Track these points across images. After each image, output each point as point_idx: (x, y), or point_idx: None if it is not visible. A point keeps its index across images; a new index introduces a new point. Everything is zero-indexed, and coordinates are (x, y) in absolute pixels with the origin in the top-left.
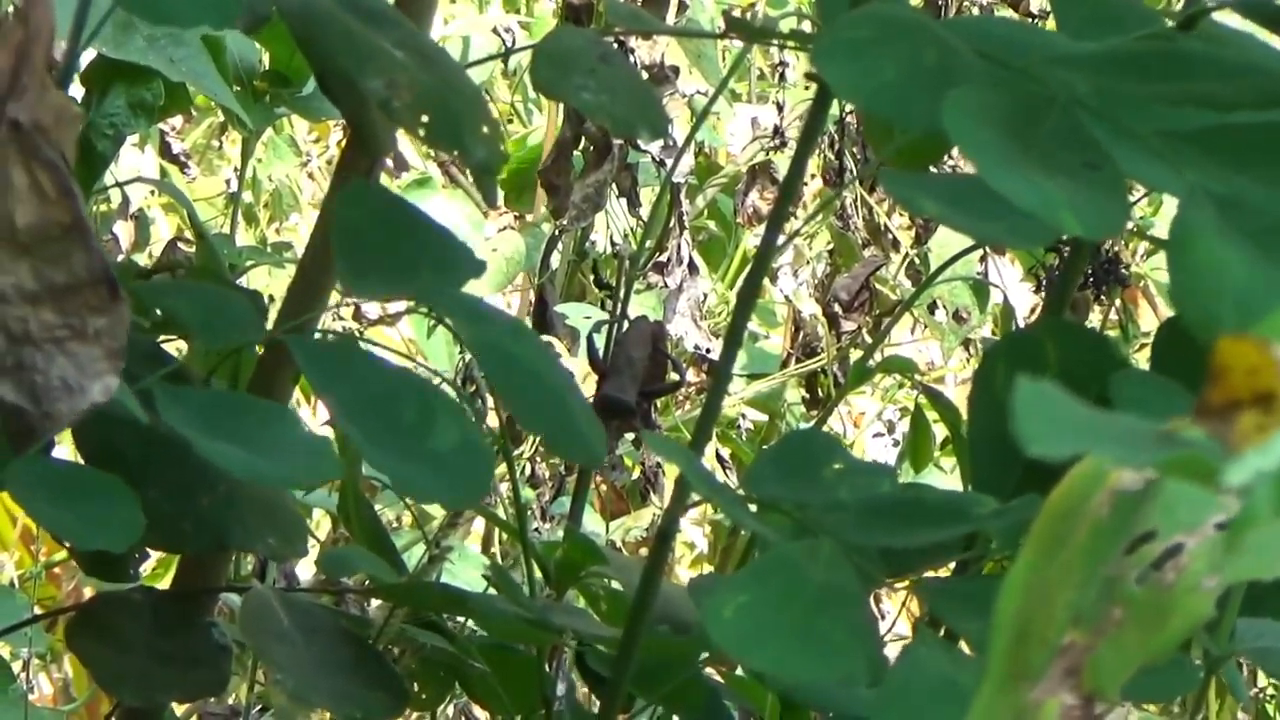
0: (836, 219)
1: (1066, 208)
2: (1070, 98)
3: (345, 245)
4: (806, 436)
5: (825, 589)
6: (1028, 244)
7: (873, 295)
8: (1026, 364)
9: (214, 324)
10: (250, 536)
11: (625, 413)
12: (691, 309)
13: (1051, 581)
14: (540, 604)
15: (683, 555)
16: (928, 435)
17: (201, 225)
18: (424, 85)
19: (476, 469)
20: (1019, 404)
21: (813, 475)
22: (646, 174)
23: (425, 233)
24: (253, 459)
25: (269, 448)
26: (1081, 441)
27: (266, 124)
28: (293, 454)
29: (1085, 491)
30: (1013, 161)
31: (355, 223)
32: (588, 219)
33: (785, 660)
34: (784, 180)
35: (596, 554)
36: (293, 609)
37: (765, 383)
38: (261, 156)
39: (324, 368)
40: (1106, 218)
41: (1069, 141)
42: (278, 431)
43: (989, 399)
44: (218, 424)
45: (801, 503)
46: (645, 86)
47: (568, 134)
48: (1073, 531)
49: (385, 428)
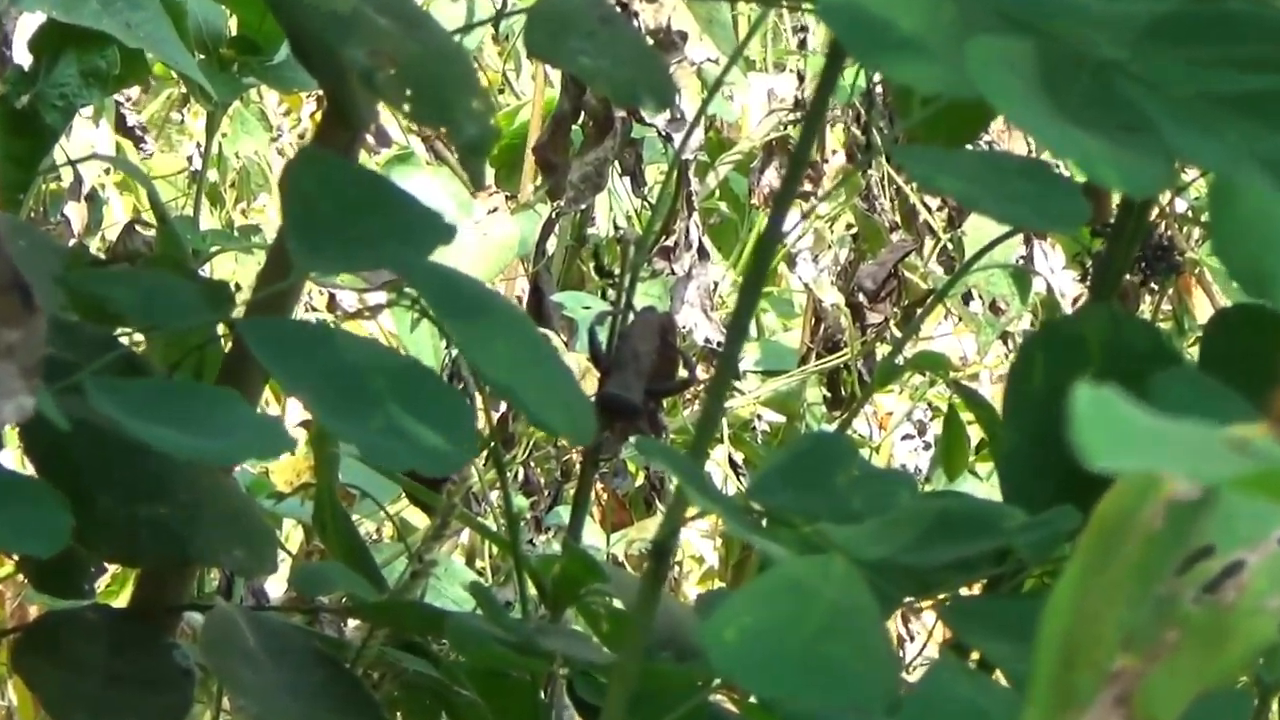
0: (861, 199)
1: (1109, 163)
2: (1102, 60)
3: (298, 219)
4: (818, 440)
5: (837, 610)
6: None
7: (901, 283)
8: (1066, 357)
9: (152, 311)
10: (215, 549)
11: (630, 413)
12: (701, 298)
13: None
14: (532, 625)
15: (691, 570)
16: (962, 438)
17: (162, 207)
18: (409, 54)
19: (456, 431)
20: (1079, 413)
21: (824, 484)
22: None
23: (389, 202)
24: (193, 440)
25: (212, 429)
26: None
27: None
28: (238, 432)
29: (1136, 501)
30: (1049, 114)
31: (309, 194)
32: (587, 200)
33: (794, 687)
34: (795, 150)
35: (597, 569)
36: (261, 629)
37: (783, 381)
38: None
39: (277, 346)
40: (1151, 173)
41: (1103, 104)
42: (222, 414)
43: (1024, 396)
44: (156, 410)
45: (812, 514)
46: (650, 53)
47: (565, 106)
48: (1123, 545)
49: (348, 398)
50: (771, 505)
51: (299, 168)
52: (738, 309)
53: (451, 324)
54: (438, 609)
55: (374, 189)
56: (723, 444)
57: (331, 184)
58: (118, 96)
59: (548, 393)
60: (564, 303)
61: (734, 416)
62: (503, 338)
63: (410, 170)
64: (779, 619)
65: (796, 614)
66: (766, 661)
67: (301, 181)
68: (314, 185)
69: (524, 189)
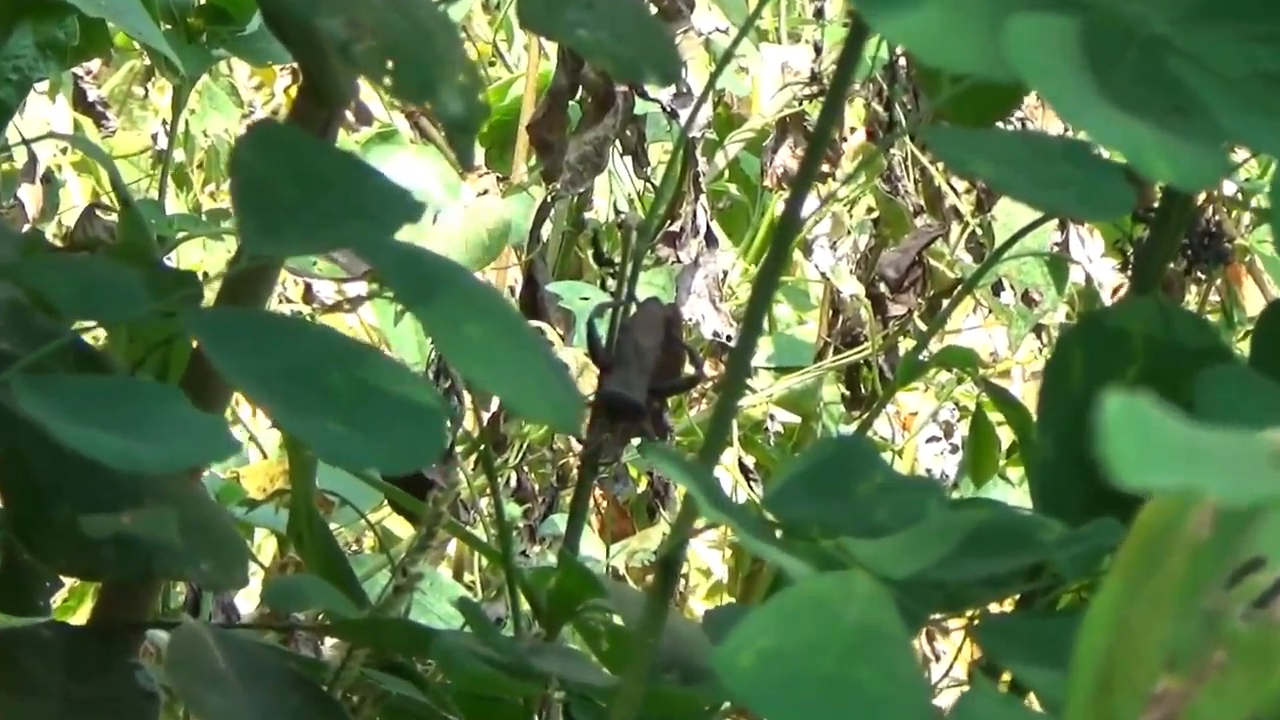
0: (883, 180)
1: (1157, 151)
2: (1151, 36)
3: (251, 197)
4: (839, 445)
5: (861, 631)
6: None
7: (926, 272)
8: (1107, 354)
9: (90, 302)
10: (181, 561)
11: (632, 413)
12: (709, 288)
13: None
14: (525, 645)
15: (698, 584)
16: (991, 441)
17: (124, 189)
18: (391, 24)
19: (423, 427)
20: (1109, 423)
21: (846, 493)
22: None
23: (350, 178)
24: (128, 444)
25: (151, 431)
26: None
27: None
28: (179, 435)
29: (1181, 510)
30: (1092, 98)
31: (264, 171)
32: (585, 182)
33: (817, 715)
34: (815, 129)
35: (595, 583)
36: (231, 648)
37: (798, 378)
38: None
39: (225, 338)
40: (1203, 163)
41: (1150, 84)
42: (163, 413)
43: (1061, 396)
44: (91, 410)
45: (832, 527)
46: (654, 23)
47: (562, 80)
48: (1166, 557)
49: (306, 392)
50: (789, 517)
51: (250, 142)
52: (752, 301)
53: (416, 307)
54: (423, 627)
55: (334, 164)
56: (732, 447)
57: (287, 160)
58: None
59: (526, 378)
60: (560, 293)
61: (745, 417)
62: (475, 321)
63: (393, 150)
64: (799, 642)
65: (818, 636)
66: (787, 687)
67: (253, 157)
68: (268, 161)
69: (517, 170)
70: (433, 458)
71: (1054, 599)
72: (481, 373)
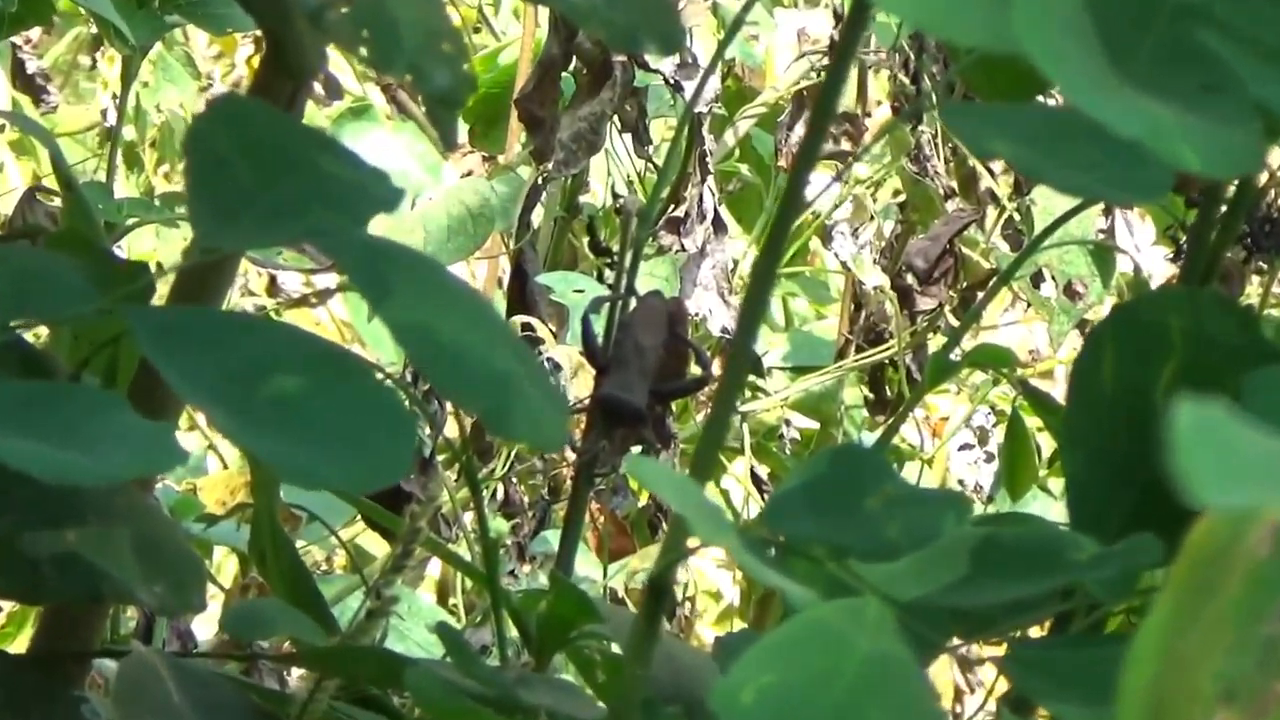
0: (910, 160)
1: (1182, 138)
2: (1178, 3)
3: (204, 182)
4: (844, 454)
5: (873, 663)
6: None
7: (958, 262)
8: (1143, 350)
9: (26, 297)
10: (131, 583)
11: (632, 418)
12: (717, 280)
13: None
14: (512, 675)
15: (706, 608)
16: (1028, 448)
17: (68, 171)
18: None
19: (393, 439)
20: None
21: (853, 508)
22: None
23: (319, 161)
24: (61, 455)
25: (88, 440)
26: (1266, 486)
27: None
28: (118, 445)
29: (1238, 528)
30: (1109, 81)
31: (221, 150)
32: (580, 162)
33: None
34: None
35: (590, 608)
36: (186, 680)
37: (816, 379)
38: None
39: (170, 338)
40: (1236, 149)
41: (1180, 59)
42: (103, 422)
43: (1092, 395)
44: (21, 417)
45: (840, 546)
46: None
47: (554, 49)
48: (1222, 579)
49: (257, 398)
50: (791, 534)
51: (208, 119)
52: (751, 287)
53: (380, 307)
54: (399, 655)
55: (301, 144)
56: (744, 455)
57: (248, 138)
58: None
59: (505, 391)
60: (552, 286)
61: (758, 422)
62: (448, 324)
63: (367, 126)
64: (805, 676)
65: (825, 669)
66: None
67: (209, 134)
68: (226, 139)
69: (506, 149)
70: (402, 474)
71: (1096, 620)
72: (453, 384)
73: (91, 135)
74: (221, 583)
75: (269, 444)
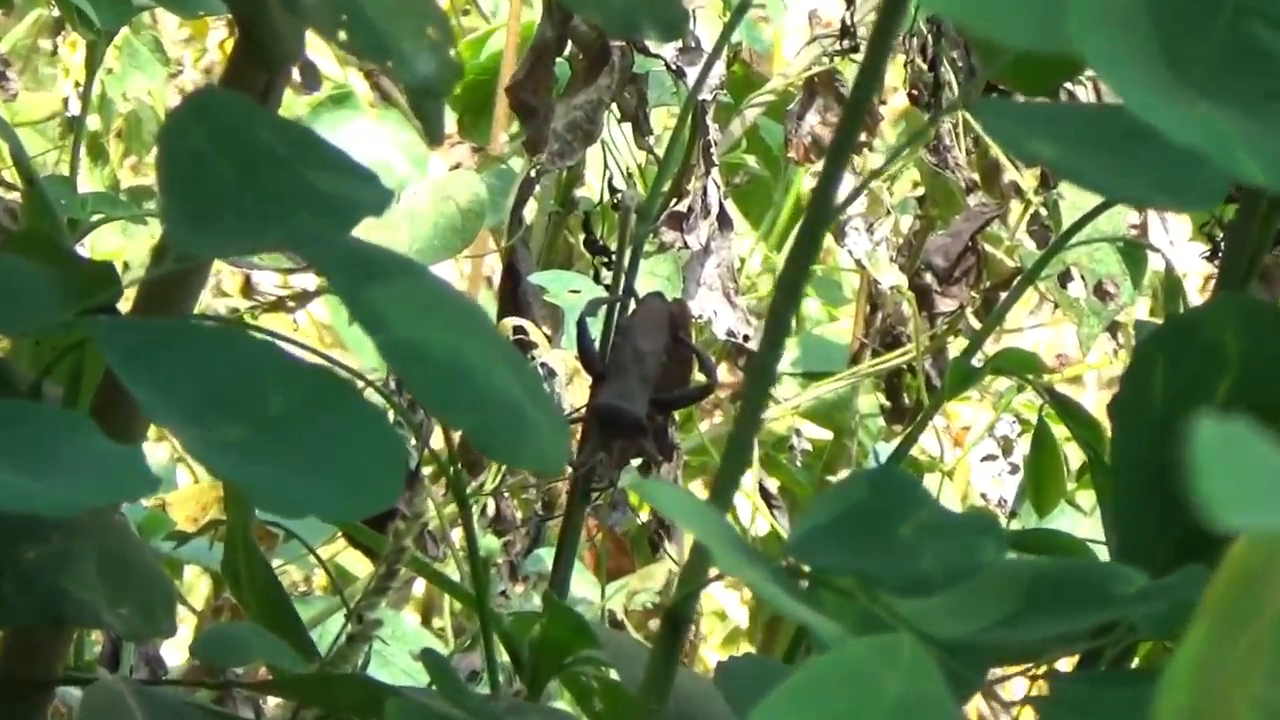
0: (929, 152)
1: (1242, 145)
2: (1242, 4)
3: (179, 182)
4: (878, 479)
5: (907, 704)
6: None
7: (981, 261)
8: (1197, 361)
9: None
10: (96, 605)
11: (631, 429)
12: (723, 279)
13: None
14: (503, 704)
15: (712, 630)
16: (1056, 460)
17: (28, 163)
18: None
19: (379, 462)
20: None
21: (886, 537)
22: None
23: (304, 161)
24: (16, 480)
25: (49, 464)
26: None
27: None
28: (82, 469)
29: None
30: (1167, 85)
31: (196, 148)
32: (576, 154)
33: None
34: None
35: (587, 631)
36: (155, 708)
37: (829, 386)
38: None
39: (137, 352)
40: None
41: (1241, 63)
42: (66, 444)
43: (1140, 412)
44: None
45: (871, 577)
46: None
47: (548, 33)
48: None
49: (235, 421)
50: (819, 564)
51: (185, 115)
52: (776, 299)
53: (368, 324)
54: (382, 683)
55: (286, 142)
56: (752, 468)
57: (226, 135)
58: None
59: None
60: (546, 286)
61: (767, 432)
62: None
63: (348, 115)
64: (836, 716)
65: (858, 708)
66: None
67: (187, 133)
68: (204, 139)
69: (495, 140)
70: (392, 501)
71: (1126, 650)
72: (449, 407)
73: (53, 125)
74: (193, 604)
75: (247, 471)
